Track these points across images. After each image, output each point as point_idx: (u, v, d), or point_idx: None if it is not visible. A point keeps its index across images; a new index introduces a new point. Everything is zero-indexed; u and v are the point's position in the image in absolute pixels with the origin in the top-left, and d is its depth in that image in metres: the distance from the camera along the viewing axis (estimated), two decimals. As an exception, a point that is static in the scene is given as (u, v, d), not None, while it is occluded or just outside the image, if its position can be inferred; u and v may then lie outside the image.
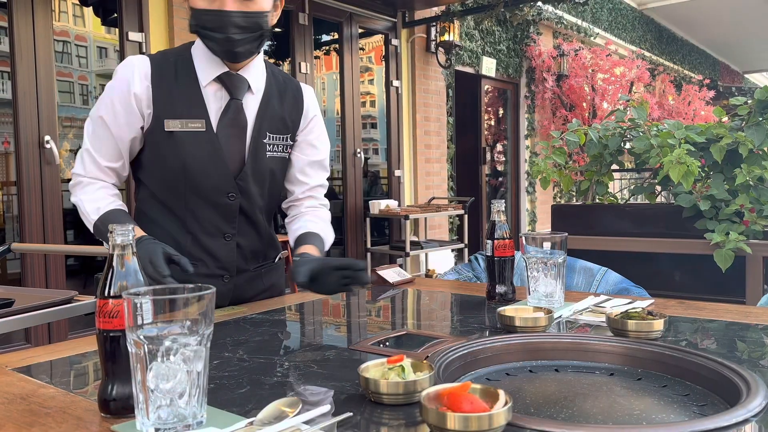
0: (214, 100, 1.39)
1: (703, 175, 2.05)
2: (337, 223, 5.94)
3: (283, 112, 1.47)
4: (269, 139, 1.45)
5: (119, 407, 0.77)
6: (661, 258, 2.12)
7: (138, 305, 0.68)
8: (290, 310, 1.43)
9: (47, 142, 3.69)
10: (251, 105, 1.42)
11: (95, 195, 1.37)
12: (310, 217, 1.53)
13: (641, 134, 2.15)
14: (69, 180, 1.42)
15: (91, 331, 1.19)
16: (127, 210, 1.39)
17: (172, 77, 1.37)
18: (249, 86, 1.41)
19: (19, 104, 3.60)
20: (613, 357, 0.98)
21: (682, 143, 1.97)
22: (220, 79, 1.38)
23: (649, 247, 2.12)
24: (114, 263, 0.77)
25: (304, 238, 1.45)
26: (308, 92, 1.55)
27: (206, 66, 1.37)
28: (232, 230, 1.42)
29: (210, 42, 1.32)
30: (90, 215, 1.35)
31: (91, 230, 1.36)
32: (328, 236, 1.52)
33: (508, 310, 1.15)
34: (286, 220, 1.58)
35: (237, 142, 1.40)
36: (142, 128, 1.36)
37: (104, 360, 0.77)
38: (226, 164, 1.39)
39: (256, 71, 1.43)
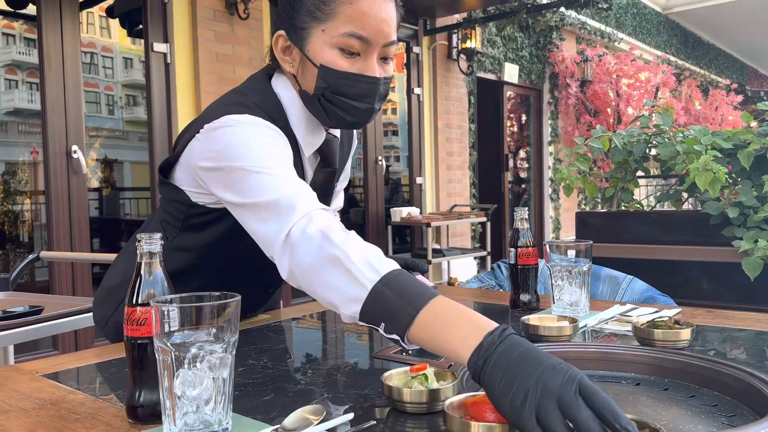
0: (310, 170, 1.20)
1: (731, 181, 2.01)
2: (359, 230, 5.96)
3: (344, 153, 1.32)
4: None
5: (146, 413, 0.78)
6: (688, 266, 2.09)
7: (165, 313, 0.69)
8: (312, 318, 1.44)
9: (74, 151, 3.76)
10: None
11: (351, 241, 0.89)
12: None
13: (666, 140, 2.12)
14: (96, 189, 1.36)
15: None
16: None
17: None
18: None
19: (47, 115, 3.68)
20: (640, 367, 0.97)
21: (708, 149, 1.94)
22: (319, 148, 1.19)
23: (675, 254, 2.09)
24: (142, 271, 0.78)
25: None
26: None
27: (307, 134, 1.15)
28: (277, 284, 1.35)
29: (338, 110, 1.08)
30: (362, 274, 0.84)
31: (351, 314, 0.85)
32: None
33: (532, 318, 1.14)
34: None
35: None
36: None
37: (132, 367, 0.78)
38: None
39: None
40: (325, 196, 1.26)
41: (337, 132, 1.24)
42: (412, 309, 0.79)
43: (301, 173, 1.16)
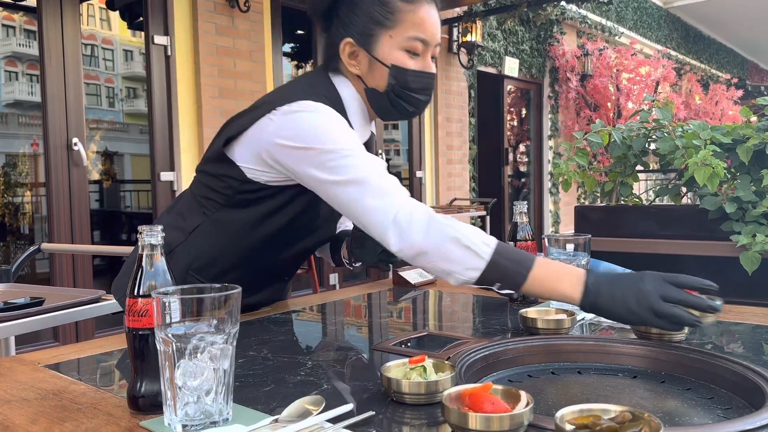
0: None
1: (729, 176, 2.02)
2: (359, 223, 5.95)
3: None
4: None
5: (148, 404, 0.78)
6: (687, 260, 2.09)
7: (166, 304, 0.70)
8: (312, 311, 1.45)
9: (75, 144, 3.76)
10: None
11: (450, 221, 1.10)
12: None
13: (666, 135, 2.12)
14: (96, 181, 1.37)
15: (116, 330, 1.22)
16: None
17: None
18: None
19: (48, 107, 3.68)
20: (636, 359, 0.97)
21: (707, 144, 1.95)
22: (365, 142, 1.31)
23: (674, 249, 2.09)
24: (143, 263, 0.78)
25: None
26: None
27: (360, 127, 1.27)
28: (292, 273, 1.41)
29: (404, 102, 1.23)
30: (480, 249, 1.05)
31: (467, 278, 1.07)
32: None
33: (530, 312, 1.15)
34: None
35: None
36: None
37: (133, 357, 0.79)
38: (335, 222, 1.37)
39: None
40: None
41: (374, 130, 1.37)
42: (524, 269, 1.04)
43: None
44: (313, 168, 1.12)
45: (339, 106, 1.22)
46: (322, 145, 1.12)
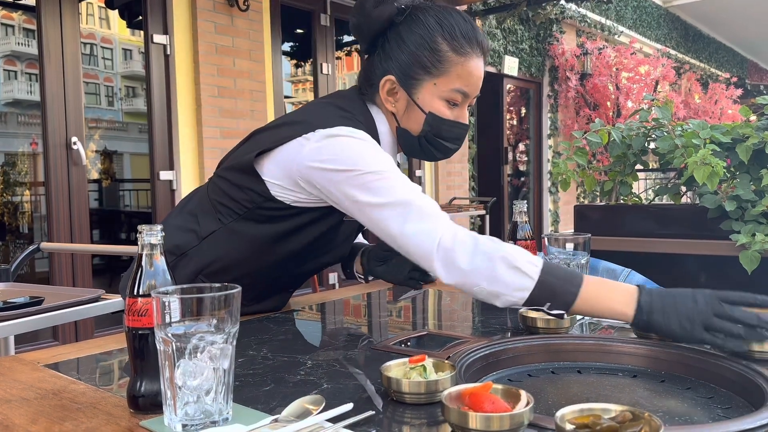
0: None
1: (729, 175, 2.02)
2: (359, 223, 5.95)
3: None
4: None
5: (147, 403, 0.78)
6: (686, 259, 2.09)
7: (166, 304, 0.70)
8: (312, 310, 1.45)
9: (74, 143, 3.76)
10: None
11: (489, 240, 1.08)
12: None
13: (665, 134, 2.12)
14: (96, 180, 1.36)
15: (116, 330, 1.21)
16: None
17: None
18: None
19: (47, 106, 3.68)
20: (637, 359, 0.97)
21: (707, 143, 1.95)
22: None
23: (673, 248, 2.09)
24: (143, 262, 0.78)
25: None
26: None
27: (391, 156, 1.26)
28: (298, 286, 1.41)
29: (433, 148, 1.25)
30: (527, 269, 1.03)
31: (516, 300, 1.04)
32: None
33: (530, 311, 1.15)
34: None
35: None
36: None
37: (133, 357, 0.79)
38: (353, 241, 1.38)
39: None
40: None
41: (399, 162, 1.37)
42: (574, 287, 1.01)
43: None
44: (353, 189, 1.10)
45: (375, 137, 1.21)
46: (363, 167, 1.10)
